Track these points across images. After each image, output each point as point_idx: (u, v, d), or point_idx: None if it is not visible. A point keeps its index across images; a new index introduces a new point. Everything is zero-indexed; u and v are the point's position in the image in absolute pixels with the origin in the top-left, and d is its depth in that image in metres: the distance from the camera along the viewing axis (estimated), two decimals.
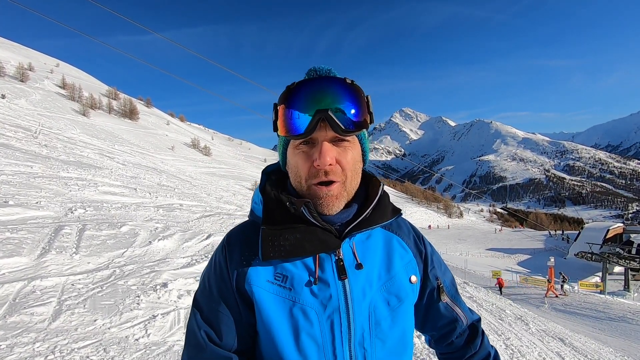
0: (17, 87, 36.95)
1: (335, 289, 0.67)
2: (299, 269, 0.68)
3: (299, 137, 0.64)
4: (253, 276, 0.69)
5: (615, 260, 26.16)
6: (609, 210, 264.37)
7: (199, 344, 0.69)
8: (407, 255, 0.79)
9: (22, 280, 3.66)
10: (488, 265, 31.83)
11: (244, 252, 0.71)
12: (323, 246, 0.67)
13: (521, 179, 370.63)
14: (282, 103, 0.65)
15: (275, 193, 0.72)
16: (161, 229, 6.95)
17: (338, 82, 0.64)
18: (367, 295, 0.69)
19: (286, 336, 0.66)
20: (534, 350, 5.30)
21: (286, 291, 0.67)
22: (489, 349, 0.89)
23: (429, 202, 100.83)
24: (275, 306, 0.67)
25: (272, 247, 0.66)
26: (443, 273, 0.86)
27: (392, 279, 0.73)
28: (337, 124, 0.62)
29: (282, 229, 0.68)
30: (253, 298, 0.69)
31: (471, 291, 9.90)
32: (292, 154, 0.69)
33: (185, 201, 11.72)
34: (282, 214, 0.69)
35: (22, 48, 75.72)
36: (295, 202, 0.68)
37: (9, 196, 6.43)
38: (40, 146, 13.83)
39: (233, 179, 35.40)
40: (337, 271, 0.68)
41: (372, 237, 0.75)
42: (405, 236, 0.81)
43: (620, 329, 12.54)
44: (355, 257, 0.70)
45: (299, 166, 0.67)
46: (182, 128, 75.88)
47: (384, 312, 0.71)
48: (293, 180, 0.71)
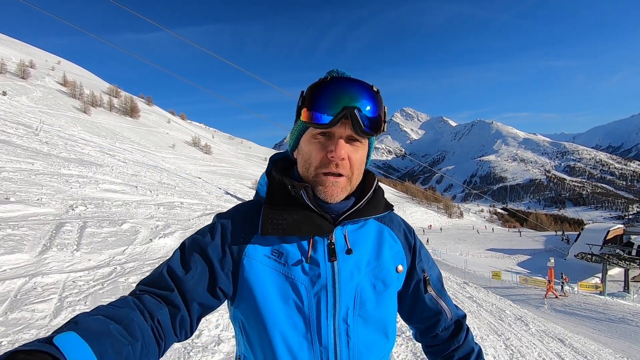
0: (19, 84, 37.00)
1: (325, 269, 0.73)
2: (293, 248, 0.74)
3: (321, 127, 0.69)
4: (251, 250, 0.74)
5: (616, 262, 26.14)
6: (610, 211, 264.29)
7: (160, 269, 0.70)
8: (397, 246, 0.85)
9: (23, 277, 3.66)
10: (488, 266, 31.83)
11: (245, 227, 0.76)
12: (317, 229, 0.73)
13: (522, 180, 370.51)
14: (312, 93, 0.70)
15: (279, 177, 0.78)
16: (162, 227, 6.96)
17: (366, 87, 0.71)
18: (355, 278, 0.75)
19: (278, 305, 0.71)
20: (533, 351, 5.29)
21: (280, 266, 0.73)
22: (472, 345, 0.92)
23: (429, 202, 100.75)
24: (269, 278, 0.72)
25: (271, 224, 0.72)
26: (430, 267, 0.91)
27: (380, 266, 0.80)
28: (358, 124, 0.69)
29: (281, 210, 0.74)
30: (246, 269, 0.73)
31: (471, 291, 9.90)
32: (307, 142, 0.75)
33: (186, 199, 11.73)
34: (284, 197, 0.75)
35: (23, 45, 75.77)
36: (296, 186, 0.74)
37: (10, 193, 6.43)
38: (41, 143, 13.83)
39: (234, 178, 35.43)
40: (327, 253, 0.74)
41: (365, 227, 0.82)
42: (396, 229, 0.87)
43: (620, 330, 12.54)
44: (347, 242, 0.76)
45: (312, 154, 0.73)
46: (182, 126, 75.94)
47: (370, 294, 0.77)
48: (301, 166, 0.77)
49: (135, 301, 0.61)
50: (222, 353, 2.95)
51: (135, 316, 0.57)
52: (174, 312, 0.65)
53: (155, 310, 0.62)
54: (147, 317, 0.60)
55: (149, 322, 0.59)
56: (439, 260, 30.24)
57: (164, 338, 0.62)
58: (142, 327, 0.57)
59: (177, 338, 0.67)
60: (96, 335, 0.48)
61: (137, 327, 0.55)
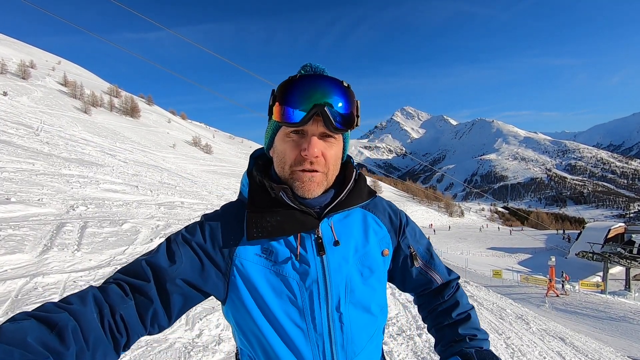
0: (19, 85, 37.05)
1: (314, 264, 0.74)
2: (282, 246, 0.75)
3: (292, 125, 0.69)
4: (242, 251, 0.74)
5: (617, 260, 26.10)
6: (611, 209, 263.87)
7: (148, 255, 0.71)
8: (382, 231, 0.87)
9: (24, 277, 3.67)
10: (489, 265, 31.83)
11: (234, 229, 0.76)
12: (301, 226, 0.74)
13: (522, 178, 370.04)
14: (282, 91, 0.70)
15: (259, 178, 0.79)
16: (162, 227, 6.96)
17: (336, 83, 0.71)
18: (344, 268, 0.77)
19: (272, 300, 0.73)
20: (534, 350, 5.29)
21: (271, 263, 0.74)
22: (458, 299, 0.92)
23: (430, 201, 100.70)
24: (262, 276, 0.74)
25: (256, 228, 0.73)
26: (417, 242, 0.93)
27: (367, 253, 0.82)
28: (329, 121, 0.69)
29: (264, 212, 0.74)
30: (238, 269, 0.74)
31: (472, 290, 9.89)
32: (281, 141, 0.75)
33: (187, 199, 11.74)
34: (264, 198, 0.76)
35: (24, 45, 75.84)
36: (275, 188, 0.74)
37: (11, 193, 6.45)
38: (42, 143, 13.85)
39: (234, 177, 35.42)
40: (316, 248, 0.75)
41: (350, 216, 0.83)
42: (380, 214, 0.89)
43: (621, 328, 12.54)
44: (334, 234, 0.78)
45: (286, 153, 0.73)
46: (183, 126, 75.94)
47: (358, 281, 0.79)
48: (277, 165, 0.77)
49: (96, 294, 0.60)
50: (223, 352, 2.95)
51: (80, 316, 0.55)
52: (146, 304, 0.64)
53: (119, 304, 0.61)
54: (106, 314, 0.59)
55: (106, 319, 0.58)
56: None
57: (124, 334, 0.61)
58: (86, 328, 0.55)
59: (146, 331, 0.65)
60: (7, 348, 0.45)
61: (72, 332, 0.52)
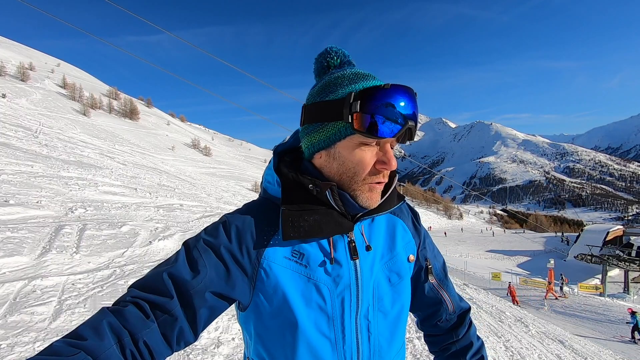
0: (18, 87, 37.02)
1: (347, 269, 0.72)
2: (314, 249, 0.72)
3: (379, 138, 0.64)
4: (271, 253, 0.70)
5: (615, 263, 26.14)
6: (609, 212, 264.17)
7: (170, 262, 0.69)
8: (407, 236, 0.85)
9: (22, 280, 3.66)
10: (488, 267, 31.81)
11: (263, 229, 0.72)
12: (338, 228, 0.71)
13: (521, 181, 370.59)
14: (370, 100, 0.63)
15: (293, 175, 0.72)
16: (161, 229, 6.95)
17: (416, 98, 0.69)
18: (373, 274, 0.75)
19: (300, 308, 0.69)
20: (534, 352, 5.29)
21: (302, 267, 0.70)
22: (472, 339, 0.93)
23: (429, 204, 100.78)
24: (291, 281, 0.70)
25: (292, 227, 0.68)
26: (434, 257, 0.91)
27: (394, 258, 0.80)
28: (411, 137, 0.67)
29: (301, 210, 0.69)
30: (266, 273, 0.69)
31: (471, 293, 9.89)
32: (349, 148, 0.68)
33: (186, 201, 11.72)
34: (301, 196, 0.71)
35: (23, 47, 75.84)
36: (321, 185, 0.70)
37: (9, 195, 6.43)
38: (40, 146, 13.83)
39: (233, 180, 35.41)
40: (349, 252, 0.72)
41: (376, 220, 0.81)
42: (405, 218, 0.87)
43: (620, 331, 12.54)
44: (364, 239, 0.76)
45: (364, 163, 0.68)
46: (182, 128, 75.93)
47: (386, 288, 0.77)
48: (339, 172, 0.70)
49: (112, 322, 0.56)
50: (222, 356, 2.94)
51: (99, 354, 0.52)
52: (170, 323, 0.60)
53: (140, 329, 0.57)
54: (127, 343, 0.55)
55: (127, 349, 0.55)
56: None
57: (150, 359, 0.59)
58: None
59: (172, 351, 0.62)
60: None
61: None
